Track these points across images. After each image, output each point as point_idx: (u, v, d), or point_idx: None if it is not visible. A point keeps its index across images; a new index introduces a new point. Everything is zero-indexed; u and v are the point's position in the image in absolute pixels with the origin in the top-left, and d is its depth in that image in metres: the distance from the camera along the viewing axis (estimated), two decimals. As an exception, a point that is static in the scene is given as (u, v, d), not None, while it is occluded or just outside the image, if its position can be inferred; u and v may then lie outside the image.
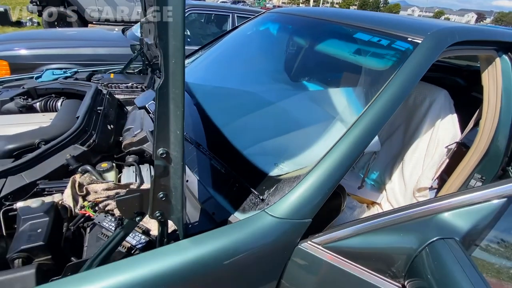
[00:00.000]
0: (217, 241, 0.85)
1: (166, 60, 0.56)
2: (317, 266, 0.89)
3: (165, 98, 0.61)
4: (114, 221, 0.97)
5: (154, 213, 0.77)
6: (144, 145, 1.44)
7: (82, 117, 1.48)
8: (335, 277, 0.86)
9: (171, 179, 0.71)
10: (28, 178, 1.08)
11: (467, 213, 0.71)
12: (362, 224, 0.86)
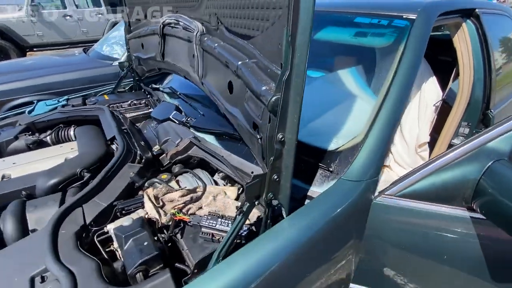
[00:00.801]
0: (314, 211, 0.97)
1: (293, 53, 0.66)
2: (396, 213, 1.06)
3: (288, 87, 0.71)
4: (211, 219, 1.03)
5: (268, 194, 0.87)
6: (189, 151, 1.48)
7: (120, 137, 1.48)
8: (414, 219, 1.04)
9: (283, 160, 0.82)
10: (104, 202, 1.08)
11: (507, 138, 0.93)
12: (424, 169, 1.05)
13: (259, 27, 0.83)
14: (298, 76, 0.69)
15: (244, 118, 0.99)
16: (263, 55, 0.84)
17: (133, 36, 2.36)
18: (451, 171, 1.00)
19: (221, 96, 1.20)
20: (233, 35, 1.04)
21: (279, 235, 0.89)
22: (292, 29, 0.64)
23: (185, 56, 1.53)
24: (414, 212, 1.05)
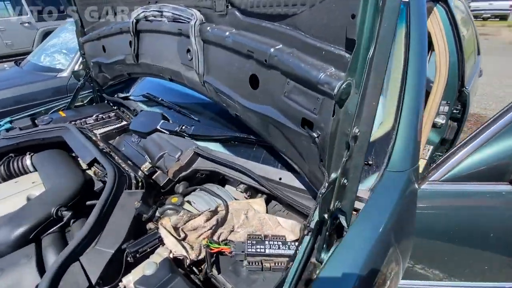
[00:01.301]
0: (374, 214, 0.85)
1: (380, 23, 0.53)
2: (444, 197, 1.00)
3: (369, 68, 0.57)
4: (257, 244, 0.84)
5: (336, 203, 0.72)
6: (193, 165, 1.25)
7: (105, 160, 1.18)
8: (462, 200, 0.99)
9: (353, 159, 0.68)
10: (109, 248, 0.81)
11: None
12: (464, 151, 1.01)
13: (305, 1, 0.68)
14: (383, 53, 0.56)
15: (284, 115, 0.82)
16: (311, 36, 0.69)
17: (89, 38, 1.99)
18: (491, 147, 0.98)
19: (236, 93, 1.01)
20: (253, 18, 0.86)
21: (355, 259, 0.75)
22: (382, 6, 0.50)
23: (174, 53, 1.29)
24: (461, 194, 1.00)
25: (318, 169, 0.78)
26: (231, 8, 0.92)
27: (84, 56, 2.16)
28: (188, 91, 1.82)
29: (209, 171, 1.23)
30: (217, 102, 1.21)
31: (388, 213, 0.86)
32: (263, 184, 1.05)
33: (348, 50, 0.63)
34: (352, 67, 0.60)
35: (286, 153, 0.95)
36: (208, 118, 1.52)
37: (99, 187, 1.28)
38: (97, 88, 2.29)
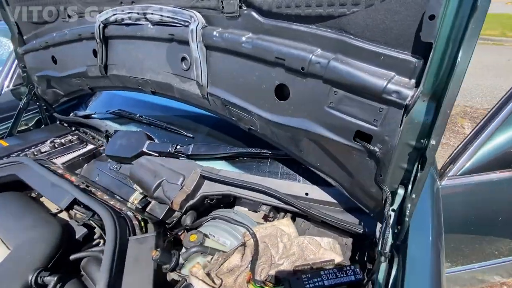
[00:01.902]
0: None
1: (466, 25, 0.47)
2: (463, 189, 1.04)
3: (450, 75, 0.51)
4: (312, 276, 0.73)
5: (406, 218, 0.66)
6: (200, 191, 1.08)
7: (92, 200, 0.94)
8: (484, 189, 1.04)
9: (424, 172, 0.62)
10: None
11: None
12: (475, 143, 1.06)
13: (359, 1, 0.59)
14: (465, 58, 0.51)
15: (327, 128, 0.73)
16: (365, 39, 0.62)
17: (31, 48, 1.62)
18: (496, 139, 1.04)
19: (254, 106, 0.88)
20: (279, 20, 0.75)
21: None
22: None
23: (160, 63, 1.09)
24: (479, 185, 1.04)
25: (374, 185, 0.71)
26: (246, 9, 0.79)
27: (24, 69, 1.76)
28: (169, 104, 1.62)
29: (221, 195, 1.07)
30: (223, 116, 1.06)
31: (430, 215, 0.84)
32: (291, 203, 0.94)
33: (415, 54, 0.57)
34: (430, 72, 0.54)
35: (321, 168, 0.86)
36: (203, 134, 1.35)
37: (82, 233, 1.02)
38: (44, 107, 1.90)
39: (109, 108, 1.81)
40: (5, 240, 0.98)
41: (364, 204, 0.81)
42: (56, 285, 0.80)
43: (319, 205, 0.96)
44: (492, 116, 1.07)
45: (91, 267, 0.90)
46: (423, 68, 0.55)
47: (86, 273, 0.91)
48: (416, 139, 0.61)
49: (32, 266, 0.82)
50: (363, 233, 0.87)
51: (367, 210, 0.82)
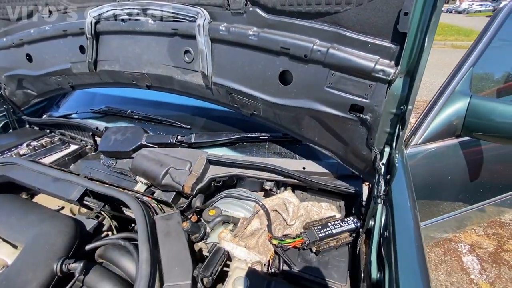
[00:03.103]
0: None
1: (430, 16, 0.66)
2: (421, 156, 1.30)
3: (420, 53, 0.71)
4: (322, 228, 0.88)
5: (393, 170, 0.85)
6: (207, 174, 1.17)
7: (113, 190, 0.96)
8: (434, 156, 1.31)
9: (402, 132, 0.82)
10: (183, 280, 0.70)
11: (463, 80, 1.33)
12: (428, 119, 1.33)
13: (351, 1, 0.76)
14: (429, 42, 0.70)
15: (326, 105, 0.89)
16: (355, 31, 0.79)
17: (1, 46, 1.52)
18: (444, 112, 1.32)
19: (258, 91, 1.00)
20: (282, 16, 0.88)
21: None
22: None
23: (160, 56, 1.15)
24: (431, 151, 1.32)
25: (365, 148, 0.90)
26: (251, 6, 0.92)
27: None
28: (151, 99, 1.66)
29: (227, 177, 1.17)
30: (225, 104, 1.17)
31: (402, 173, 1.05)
32: (293, 175, 1.09)
33: (393, 42, 0.76)
34: (403, 55, 0.73)
35: (319, 141, 1.03)
36: (199, 125, 1.42)
37: (93, 225, 1.03)
38: (12, 110, 1.76)
39: (85, 107, 1.76)
40: (10, 239, 0.95)
41: (355, 167, 1.00)
42: (83, 270, 0.82)
43: (315, 176, 1.12)
44: (437, 97, 1.35)
45: (111, 253, 0.93)
46: (400, 52, 0.74)
47: (106, 259, 0.93)
48: (396, 106, 0.81)
49: (54, 256, 0.83)
50: (353, 193, 1.05)
51: (358, 172, 1.00)
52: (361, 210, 1.03)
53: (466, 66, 1.36)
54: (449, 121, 1.33)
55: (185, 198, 1.21)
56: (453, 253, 2.38)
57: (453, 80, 1.34)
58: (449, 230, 2.00)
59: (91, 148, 1.57)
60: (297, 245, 0.86)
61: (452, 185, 1.48)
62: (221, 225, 0.95)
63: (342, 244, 0.91)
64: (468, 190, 1.54)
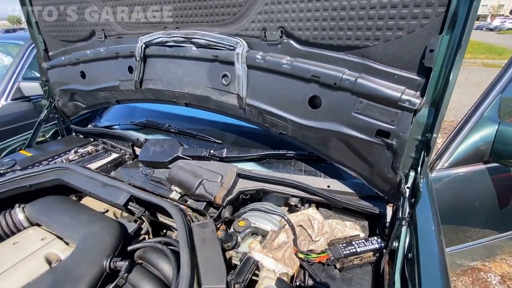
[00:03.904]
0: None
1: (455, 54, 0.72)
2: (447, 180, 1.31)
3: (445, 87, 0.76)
4: (347, 246, 0.93)
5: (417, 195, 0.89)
6: (237, 187, 1.25)
7: (155, 197, 1.07)
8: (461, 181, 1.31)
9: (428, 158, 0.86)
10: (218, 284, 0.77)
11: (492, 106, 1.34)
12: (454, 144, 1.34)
13: (379, 36, 0.84)
14: (454, 77, 0.76)
15: (353, 129, 0.95)
16: (382, 64, 0.86)
17: (59, 63, 1.74)
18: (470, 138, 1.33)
19: (288, 113, 1.09)
20: (313, 48, 0.98)
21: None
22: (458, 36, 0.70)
23: (200, 79, 1.28)
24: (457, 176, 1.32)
25: (390, 171, 0.94)
26: (286, 39, 1.02)
27: (46, 83, 1.85)
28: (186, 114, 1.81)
29: (255, 190, 1.25)
30: (256, 123, 1.26)
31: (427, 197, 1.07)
32: (318, 193, 1.14)
33: (420, 74, 0.82)
34: (429, 87, 0.79)
35: (345, 162, 1.08)
36: (229, 141, 1.53)
37: (134, 228, 1.14)
38: (62, 119, 1.98)
39: (125, 119, 1.94)
40: (63, 236, 1.08)
41: (380, 189, 1.04)
42: (128, 269, 0.92)
43: (339, 195, 1.17)
44: (465, 121, 1.37)
45: (150, 255, 1.02)
46: (425, 84, 0.80)
47: (145, 261, 1.03)
48: (421, 134, 0.86)
49: (103, 254, 0.94)
50: (377, 214, 1.08)
51: (383, 194, 1.04)
52: (384, 231, 1.06)
53: (495, 92, 1.37)
54: (477, 146, 1.33)
55: (214, 208, 1.30)
56: (482, 283, 2.25)
57: (481, 106, 1.35)
58: (478, 258, 1.92)
59: (130, 157, 1.72)
60: (322, 261, 0.91)
61: (480, 211, 1.45)
62: (250, 236, 1.02)
63: (366, 263, 0.94)
64: (498, 218, 1.50)
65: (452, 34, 0.73)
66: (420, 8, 0.76)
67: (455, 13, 0.71)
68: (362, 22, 0.85)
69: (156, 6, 1.28)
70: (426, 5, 0.75)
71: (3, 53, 3.44)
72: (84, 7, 1.49)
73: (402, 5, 0.78)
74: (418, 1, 0.76)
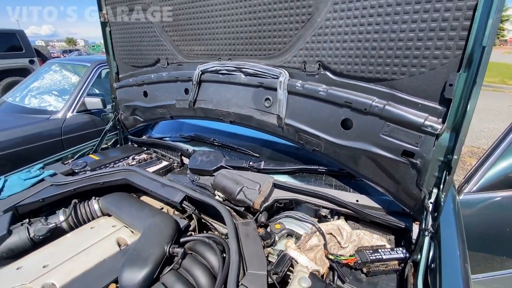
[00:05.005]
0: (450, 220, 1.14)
1: (471, 90, 0.86)
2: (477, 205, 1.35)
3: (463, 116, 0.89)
4: (373, 252, 1.04)
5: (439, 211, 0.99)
6: (272, 196, 1.42)
7: (207, 197, 1.28)
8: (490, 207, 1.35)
9: (450, 177, 0.97)
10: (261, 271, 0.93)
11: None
12: (485, 165, 1.40)
13: (405, 72, 1.00)
14: (472, 107, 0.89)
15: (381, 149, 1.09)
16: (407, 93, 1.01)
17: (126, 84, 2.09)
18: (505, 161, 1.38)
19: (322, 133, 1.26)
20: (346, 78, 1.16)
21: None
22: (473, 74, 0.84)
23: (245, 101, 1.51)
24: (489, 200, 1.36)
25: (415, 188, 1.06)
26: (323, 70, 1.22)
27: (115, 99, 2.22)
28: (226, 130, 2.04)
29: (289, 200, 1.40)
30: (292, 140, 1.44)
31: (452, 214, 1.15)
32: (347, 206, 1.27)
33: (441, 104, 0.95)
34: (449, 115, 0.92)
35: (372, 178, 1.21)
36: (266, 155, 1.72)
37: (185, 224, 1.34)
38: (122, 130, 2.32)
39: (172, 132, 2.23)
40: (131, 226, 1.30)
41: (406, 204, 1.14)
42: (182, 255, 1.11)
43: (367, 209, 1.28)
44: (496, 146, 1.42)
45: (199, 247, 1.20)
46: (446, 112, 0.93)
47: (195, 251, 1.21)
48: (443, 155, 0.97)
49: (164, 241, 1.14)
50: (403, 228, 1.18)
51: (408, 209, 1.14)
52: (410, 245, 1.14)
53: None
54: (506, 172, 1.38)
55: (251, 213, 1.46)
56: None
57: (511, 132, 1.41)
58: None
59: (177, 165, 1.97)
60: (350, 263, 1.02)
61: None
62: (285, 237, 1.16)
63: (391, 271, 1.04)
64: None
65: (468, 72, 0.87)
66: (441, 50, 0.91)
67: (470, 55, 0.86)
68: (390, 60, 1.02)
69: (213, 41, 1.56)
70: (446, 48, 0.90)
71: (72, 73, 4.06)
72: (153, 40, 1.84)
73: (425, 47, 0.94)
74: (439, 44, 0.91)
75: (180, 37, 1.70)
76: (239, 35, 1.43)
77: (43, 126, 3.11)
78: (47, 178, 1.60)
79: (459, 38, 0.87)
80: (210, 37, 1.56)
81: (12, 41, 8.71)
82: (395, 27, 0.98)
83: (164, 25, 1.74)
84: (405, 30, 0.97)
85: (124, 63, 2.09)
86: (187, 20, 1.61)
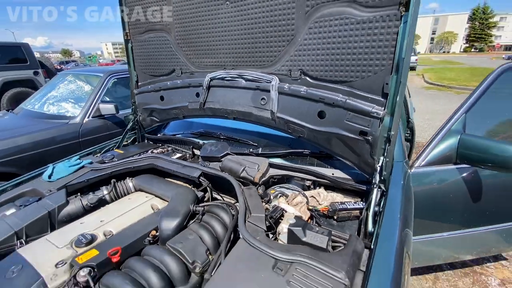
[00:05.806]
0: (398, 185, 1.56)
1: (398, 85, 1.29)
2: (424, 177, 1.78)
3: (397, 103, 1.32)
4: (341, 204, 1.44)
5: (383, 174, 1.41)
6: (268, 173, 1.82)
7: (215, 171, 1.68)
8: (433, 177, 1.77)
9: (391, 148, 1.40)
10: (261, 213, 1.33)
11: (458, 122, 1.83)
12: (430, 147, 1.83)
13: (359, 76, 1.42)
14: (401, 98, 1.31)
15: (345, 131, 1.51)
16: (361, 90, 1.43)
17: (145, 90, 2.51)
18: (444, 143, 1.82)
19: (304, 122, 1.68)
20: (320, 81, 1.58)
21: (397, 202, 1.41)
22: (400, 76, 1.27)
23: (246, 100, 1.93)
24: (432, 173, 1.79)
25: (370, 157, 1.48)
26: (304, 76, 1.65)
27: (134, 103, 2.63)
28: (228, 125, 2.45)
29: (281, 175, 1.81)
30: (282, 129, 1.86)
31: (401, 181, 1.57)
32: (326, 177, 1.68)
33: (382, 97, 1.38)
34: (387, 104, 1.35)
35: (341, 154, 1.63)
36: (262, 144, 2.14)
37: (201, 195, 1.74)
38: (139, 130, 2.72)
39: (182, 130, 2.64)
40: (161, 195, 1.70)
41: (365, 171, 1.56)
42: (202, 212, 1.51)
43: (341, 181, 1.69)
44: (441, 128, 1.86)
45: (214, 209, 1.59)
46: (385, 103, 1.36)
47: (211, 212, 1.60)
48: (386, 132, 1.39)
49: (189, 202, 1.54)
50: (365, 190, 1.59)
51: (367, 174, 1.56)
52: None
53: (461, 111, 1.87)
54: (448, 150, 1.81)
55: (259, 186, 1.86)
56: (481, 285, 2.50)
57: (451, 121, 1.85)
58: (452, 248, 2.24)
59: (189, 156, 2.37)
60: (324, 211, 1.43)
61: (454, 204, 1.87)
62: (278, 197, 1.57)
63: (353, 217, 1.44)
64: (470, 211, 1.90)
65: (397, 74, 1.30)
66: (379, 60, 1.35)
67: (397, 63, 1.30)
68: (349, 67, 1.46)
69: (219, 55, 1.99)
70: (382, 59, 1.34)
71: (85, 82, 4.47)
72: (169, 54, 2.26)
73: (370, 59, 1.38)
74: (379, 56, 1.35)
75: (192, 51, 2.13)
76: (240, 50, 1.87)
77: (63, 129, 3.50)
78: (87, 165, 1.99)
79: (390, 53, 1.31)
80: (217, 51, 1.99)
81: (17, 54, 9.11)
82: (350, 45, 1.42)
83: (179, 41, 2.17)
84: (357, 47, 1.41)
85: (143, 73, 2.51)
86: (198, 38, 2.04)
